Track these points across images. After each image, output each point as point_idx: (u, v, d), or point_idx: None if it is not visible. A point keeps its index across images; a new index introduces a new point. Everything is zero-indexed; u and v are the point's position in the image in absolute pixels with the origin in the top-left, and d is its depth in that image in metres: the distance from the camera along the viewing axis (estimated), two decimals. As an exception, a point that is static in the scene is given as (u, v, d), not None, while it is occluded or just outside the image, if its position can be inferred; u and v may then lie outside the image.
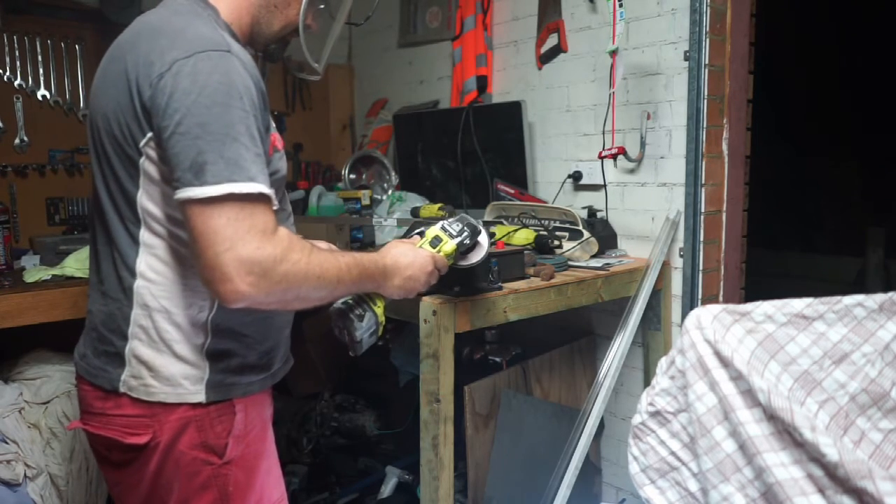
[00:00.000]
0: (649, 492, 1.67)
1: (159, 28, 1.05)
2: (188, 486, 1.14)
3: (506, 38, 2.62)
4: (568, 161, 2.42)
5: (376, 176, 2.97)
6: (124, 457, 1.15)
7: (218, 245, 0.94)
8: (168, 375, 1.10)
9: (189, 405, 1.11)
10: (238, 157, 0.96)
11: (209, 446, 1.13)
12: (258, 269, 0.95)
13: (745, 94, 2.16)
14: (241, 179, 0.95)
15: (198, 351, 1.12)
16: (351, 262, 1.11)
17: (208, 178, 0.94)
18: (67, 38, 2.57)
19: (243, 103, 0.99)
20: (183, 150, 0.96)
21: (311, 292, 1.05)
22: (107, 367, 1.14)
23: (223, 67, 0.99)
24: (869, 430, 1.41)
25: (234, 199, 0.95)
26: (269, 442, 1.26)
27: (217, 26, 1.09)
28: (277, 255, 0.97)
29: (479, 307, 1.59)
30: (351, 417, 2.62)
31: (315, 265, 1.03)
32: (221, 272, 0.94)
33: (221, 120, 0.96)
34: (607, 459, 2.42)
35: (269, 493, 1.23)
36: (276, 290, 0.98)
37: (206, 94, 0.96)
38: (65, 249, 2.20)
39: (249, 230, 0.95)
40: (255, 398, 1.20)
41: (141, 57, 1.02)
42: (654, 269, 2.04)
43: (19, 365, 1.98)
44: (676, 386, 1.63)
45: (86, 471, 1.89)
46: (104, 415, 1.15)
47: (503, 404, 2.02)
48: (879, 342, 1.46)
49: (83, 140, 2.61)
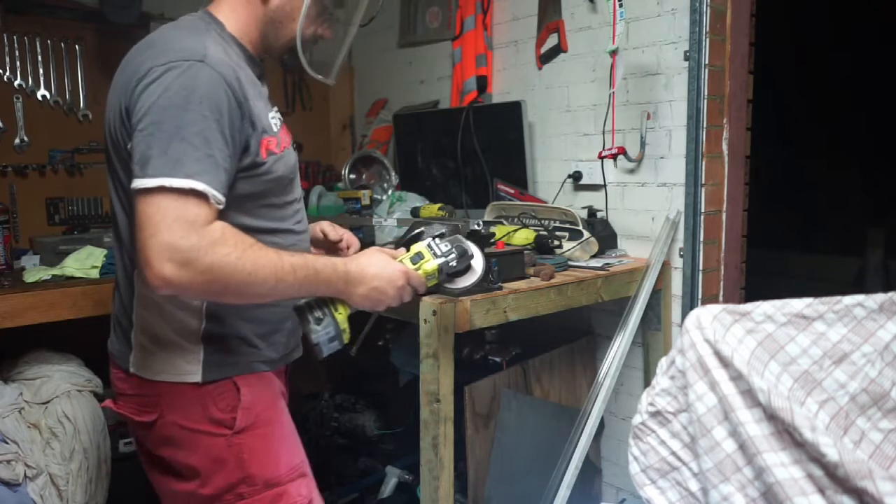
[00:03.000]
0: (650, 492, 1.67)
1: (153, 40, 1.15)
2: (205, 459, 1.20)
3: (506, 38, 2.62)
4: (568, 161, 2.42)
5: (376, 176, 2.97)
6: (143, 433, 1.25)
7: (146, 230, 0.99)
8: (166, 356, 1.19)
9: (189, 384, 1.19)
10: (182, 154, 1.01)
11: (216, 420, 1.20)
12: (178, 257, 0.98)
13: (745, 94, 2.15)
14: (177, 175, 1.00)
15: (193, 334, 1.19)
16: (299, 262, 1.12)
17: (149, 170, 1.01)
18: (67, 38, 2.57)
19: (202, 108, 1.04)
20: (137, 144, 1.04)
21: (244, 288, 1.07)
22: (123, 349, 1.25)
23: (190, 74, 1.05)
24: (869, 430, 1.41)
25: (167, 191, 1.00)
26: (282, 412, 1.30)
27: (219, 39, 1.16)
28: (202, 246, 1.00)
29: (479, 307, 1.59)
30: (351, 417, 2.62)
31: (248, 261, 1.05)
32: (145, 255, 0.99)
33: (174, 121, 1.03)
34: (607, 459, 2.42)
35: (287, 459, 1.27)
36: (200, 280, 1.01)
37: (165, 97, 1.04)
38: (65, 249, 2.20)
39: (176, 220, 0.99)
40: (261, 376, 1.25)
41: (132, 67, 1.12)
42: (654, 269, 2.03)
43: (19, 365, 1.98)
44: (676, 386, 1.63)
45: (86, 470, 1.88)
46: (124, 395, 1.27)
47: (503, 404, 2.02)
48: (879, 342, 1.46)
49: (83, 140, 2.62)
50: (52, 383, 1.92)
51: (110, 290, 1.93)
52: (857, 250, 4.39)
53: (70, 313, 1.88)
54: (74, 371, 2.00)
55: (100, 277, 2.00)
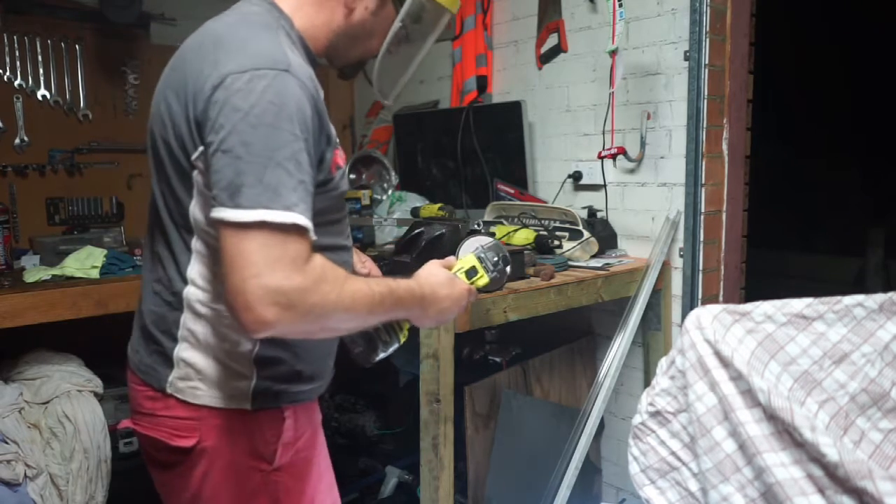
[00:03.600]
0: (649, 492, 1.67)
1: (221, 38, 1.02)
2: (238, 493, 1.13)
3: (506, 38, 2.62)
4: (568, 161, 2.42)
5: (376, 176, 2.97)
6: (172, 458, 1.14)
7: (245, 270, 0.89)
8: (214, 379, 1.09)
9: (236, 410, 1.10)
10: (278, 183, 0.92)
11: (258, 452, 1.12)
12: (284, 300, 0.90)
13: (745, 94, 2.15)
14: (276, 207, 0.91)
15: (245, 357, 1.10)
16: (385, 292, 1.06)
17: (243, 200, 0.90)
18: (67, 38, 2.57)
19: (293, 126, 0.94)
20: (223, 167, 0.92)
21: (340, 323, 1.01)
22: (156, 366, 1.13)
23: (277, 87, 0.94)
24: (869, 430, 1.41)
25: (267, 226, 0.90)
26: (320, 448, 1.24)
27: (287, 39, 1.06)
28: (307, 286, 0.92)
29: (479, 307, 1.59)
30: (351, 417, 2.62)
31: (346, 297, 0.97)
32: (245, 299, 0.89)
33: (266, 142, 0.92)
34: (607, 459, 2.42)
35: (321, 500, 1.21)
36: (302, 321, 0.93)
37: (254, 114, 0.92)
38: (65, 249, 2.21)
39: (279, 259, 0.90)
40: (306, 406, 1.19)
41: (199, 68, 1.00)
42: (654, 269, 2.03)
43: (19, 365, 1.98)
44: (676, 386, 1.63)
45: (86, 470, 1.88)
46: (153, 415, 1.14)
47: (503, 404, 2.02)
48: (879, 342, 1.46)
49: (83, 140, 2.62)
50: (52, 383, 1.92)
51: (110, 290, 1.96)
52: (857, 250, 4.38)
53: (70, 313, 1.88)
54: (74, 371, 2.00)
55: (100, 278, 2.00)
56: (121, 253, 2.18)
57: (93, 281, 1.98)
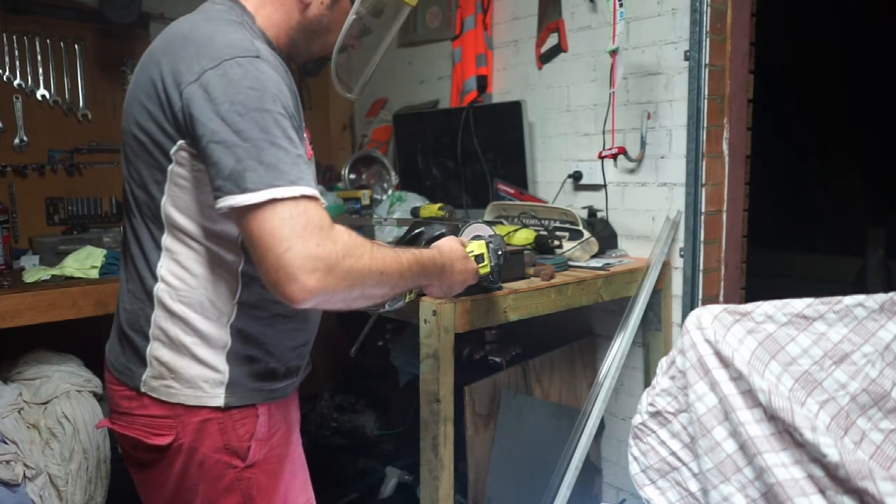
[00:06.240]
0: (650, 492, 1.66)
1: (188, 35, 1.04)
2: (212, 489, 1.14)
3: (506, 37, 2.62)
4: (568, 161, 2.42)
5: (376, 176, 2.97)
6: (149, 457, 1.15)
7: (278, 246, 0.91)
8: (188, 378, 1.10)
9: (210, 408, 1.11)
10: (277, 161, 0.94)
11: (231, 449, 1.13)
12: (322, 266, 0.92)
13: (746, 93, 2.15)
14: (282, 184, 0.93)
15: (218, 355, 1.11)
16: (411, 258, 1.10)
17: (249, 184, 0.92)
18: (67, 38, 2.57)
19: (277, 106, 0.98)
20: (221, 158, 0.95)
21: (374, 289, 1.02)
22: (130, 365, 1.15)
23: (252, 73, 0.97)
24: (870, 430, 1.41)
25: (279, 202, 0.92)
26: (295, 445, 1.25)
27: (251, 33, 1.08)
28: (340, 251, 0.94)
29: (479, 307, 1.59)
30: (351, 417, 2.62)
31: (378, 261, 1.00)
32: (286, 273, 0.91)
33: (257, 126, 0.95)
34: (607, 459, 2.42)
35: (294, 498, 1.22)
36: (342, 286, 0.95)
37: (238, 102, 0.95)
38: (64, 249, 2.21)
39: (305, 227, 0.92)
40: (280, 403, 1.20)
41: (170, 65, 1.02)
42: (655, 269, 2.03)
43: (19, 365, 1.98)
44: (677, 386, 1.63)
45: (85, 471, 1.88)
46: (129, 414, 1.16)
47: (503, 404, 2.02)
48: (880, 342, 1.45)
49: (83, 140, 2.62)
50: (52, 383, 1.92)
51: (110, 290, 1.96)
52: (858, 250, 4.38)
53: (70, 313, 1.88)
54: (74, 371, 2.00)
55: (99, 277, 2.00)
56: (120, 253, 2.18)
57: (92, 281, 1.98)
